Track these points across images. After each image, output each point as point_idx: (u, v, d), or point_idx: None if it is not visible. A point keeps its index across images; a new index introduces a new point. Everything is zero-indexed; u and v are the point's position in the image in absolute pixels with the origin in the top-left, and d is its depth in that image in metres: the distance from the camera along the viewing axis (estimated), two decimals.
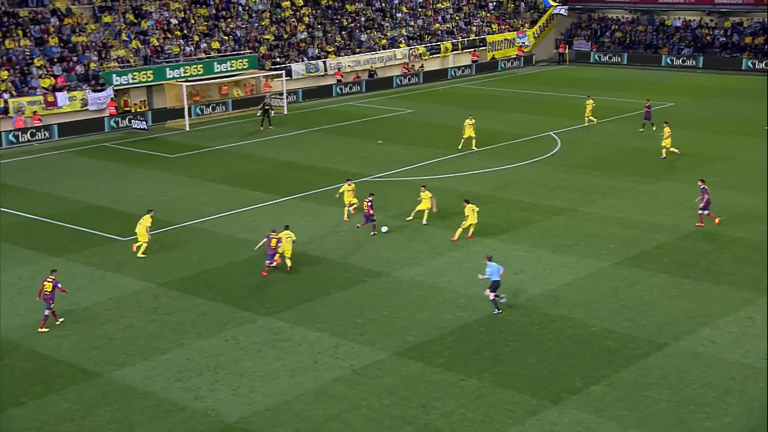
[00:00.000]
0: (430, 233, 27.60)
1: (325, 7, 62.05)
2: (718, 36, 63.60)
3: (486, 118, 43.99)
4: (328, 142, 41.39)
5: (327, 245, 26.64)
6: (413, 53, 60.56)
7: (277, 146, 41.00)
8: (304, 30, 58.24)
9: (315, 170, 36.03)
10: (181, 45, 51.51)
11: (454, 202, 30.81)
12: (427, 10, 66.68)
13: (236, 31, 54.92)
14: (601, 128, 42.49)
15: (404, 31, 62.84)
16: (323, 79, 55.80)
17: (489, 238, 27.00)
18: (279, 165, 37.13)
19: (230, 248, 26.59)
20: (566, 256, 25.33)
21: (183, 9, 54.76)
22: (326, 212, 30.03)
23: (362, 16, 62.50)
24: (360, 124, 45.90)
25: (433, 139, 40.90)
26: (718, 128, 42.04)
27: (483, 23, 67.83)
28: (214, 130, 45.52)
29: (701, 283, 23.06)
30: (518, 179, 33.96)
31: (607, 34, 68.83)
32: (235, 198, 31.76)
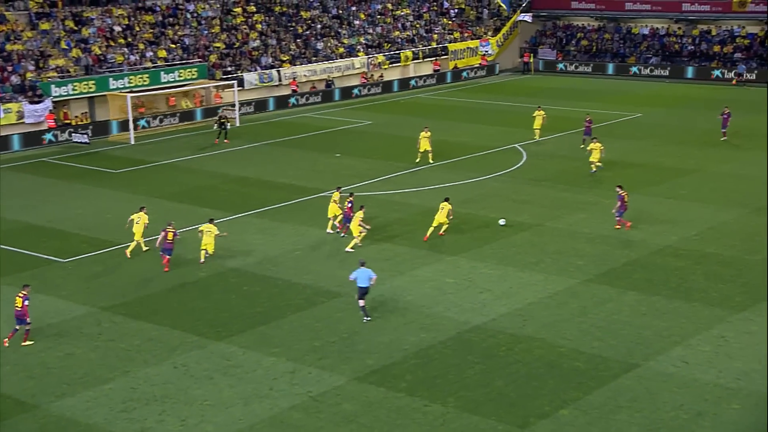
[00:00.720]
0: (391, 251, 27.66)
1: (278, 13, 62.12)
2: (686, 44, 65.05)
3: (449, 129, 44.34)
4: (283, 156, 41.30)
5: (282, 264, 26.54)
6: (372, 62, 60.89)
7: (229, 160, 40.80)
8: (256, 38, 58.22)
9: (269, 185, 35.91)
10: (126, 54, 51.10)
11: (417, 218, 30.94)
12: (386, 17, 67.17)
13: (184, 39, 54.67)
14: (567, 140, 43.08)
15: (362, 39, 63.19)
16: (277, 89, 55.77)
17: (453, 255, 27.16)
18: (230, 180, 36.94)
19: (178, 269, 26.32)
20: (533, 273, 25.58)
21: (127, 16, 54.34)
22: (281, 230, 29.93)
23: (318, 24, 62.72)
24: (317, 137, 45.92)
25: (394, 152, 41.07)
26: (687, 140, 42.93)
27: (444, 31, 68.53)
28: (161, 143, 45.14)
29: (672, 301, 23.45)
30: (483, 193, 34.23)
31: (572, 42, 69.99)
32: (183, 216, 31.48)
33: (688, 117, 48.45)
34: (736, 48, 62.85)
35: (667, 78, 62.90)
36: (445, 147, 40.25)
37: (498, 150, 41.62)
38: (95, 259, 27.11)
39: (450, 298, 23.91)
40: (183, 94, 51.20)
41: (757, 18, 62.76)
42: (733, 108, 48.38)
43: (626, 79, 63.66)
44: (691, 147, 41.47)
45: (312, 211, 32.16)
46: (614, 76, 64.94)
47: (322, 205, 32.92)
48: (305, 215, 31.66)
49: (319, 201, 33.45)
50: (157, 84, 50.18)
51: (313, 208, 32.65)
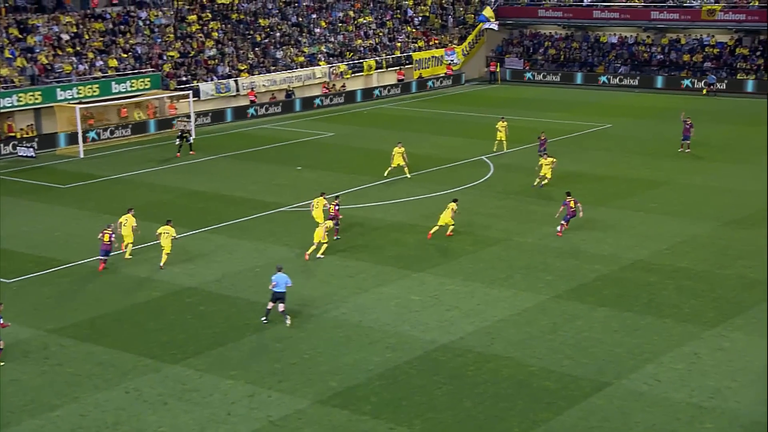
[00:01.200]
0: (355, 267, 27.67)
1: (235, 21, 62.03)
2: (655, 53, 66.20)
3: (414, 141, 44.55)
4: (242, 169, 41.16)
5: (241, 283, 26.41)
6: (334, 71, 61.04)
7: (185, 174, 40.55)
8: (212, 46, 58.06)
9: (227, 200, 35.76)
10: (74, 63, 50.69)
11: (381, 233, 31.00)
12: (347, 25, 67.42)
13: (136, 48, 54.35)
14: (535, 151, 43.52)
15: (324, 48, 63.34)
16: (235, 99, 55.64)
17: (419, 271, 27.24)
18: (186, 195, 36.71)
19: (131, 289, 26.07)
20: (501, 289, 25.75)
21: (75, 23, 53.91)
22: (240, 246, 29.79)
23: (277, 32, 62.75)
24: (277, 149, 45.84)
25: (358, 165, 41.14)
26: (657, 151, 43.60)
27: (408, 39, 68.96)
28: (112, 157, 44.74)
29: (644, 317, 23.75)
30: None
31: (540, 51, 70.85)
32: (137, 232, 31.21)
33: (658, 128, 49.23)
34: (706, 57, 64.10)
35: (637, 88, 63.91)
36: (410, 159, 40.34)
37: (464, 162, 41.91)
38: (43, 280, 26.74)
39: (416, 316, 23.96)
40: (135, 105, 50.87)
41: (726, 27, 64.11)
42: (703, 118, 49.30)
43: (595, 88, 64.56)
44: (661, 159, 42.13)
45: (272, 227, 32.06)
46: (583, 85, 65.84)
47: (283, 220, 32.87)
48: (265, 231, 31.55)
49: (280, 216, 33.38)
50: (108, 95, 49.82)
51: (273, 223, 32.55)
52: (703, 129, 46.06)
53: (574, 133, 47.99)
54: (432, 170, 40.23)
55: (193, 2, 61.25)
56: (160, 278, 26.79)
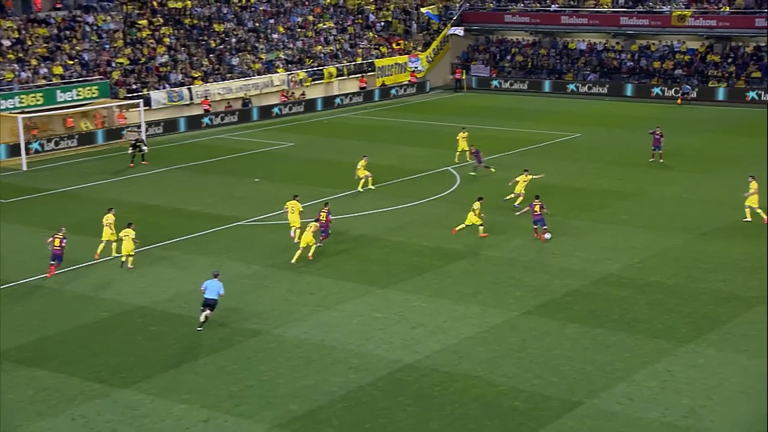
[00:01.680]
0: (317, 283, 27.61)
1: (189, 26, 61.79)
2: (625, 60, 67.14)
3: (377, 151, 44.65)
4: (197, 182, 40.91)
5: (195, 301, 26.18)
6: (293, 79, 61.04)
7: (136, 187, 40.19)
8: (164, 52, 57.76)
9: (180, 214, 35.50)
10: (16, 70, 50.19)
11: (344, 248, 30.97)
12: (307, 30, 67.50)
13: (83, 54, 53.93)
14: (503, 162, 43.84)
15: (282, 54, 63.33)
16: (189, 108, 55.36)
17: (383, 287, 27.25)
18: (137, 209, 36.38)
19: (78, 309, 25.74)
20: (469, 306, 25.85)
21: (17, 28, 53.37)
22: (194, 263, 29.58)
23: (233, 37, 62.61)
24: (234, 160, 45.65)
25: (319, 176, 41.12)
26: (627, 161, 44.14)
27: (370, 46, 69.20)
28: (58, 169, 44.23)
29: (615, 333, 23.97)
30: (414, 220, 34.49)
31: (507, 58, 71.50)
32: (84, 249, 30.83)
33: (629, 137, 49.89)
34: (677, 64, 65.13)
35: (606, 96, 64.70)
36: (373, 171, 40.40)
37: (430, 173, 42.08)
38: None
39: (380, 334, 23.95)
40: (82, 114, 50.43)
41: (697, 33, 65.21)
42: (674, 127, 50.05)
43: (564, 96, 65.29)
44: (632, 169, 42.66)
45: (229, 242, 31.90)
46: (551, 93, 66.54)
47: (241, 234, 32.71)
48: (222, 246, 31.37)
49: (237, 230, 33.21)
50: (53, 104, 49.37)
51: (230, 238, 32.39)
52: (674, 138, 46.75)
53: (542, 143, 48.46)
54: (396, 182, 40.31)
55: (144, 6, 60.93)
56: (108, 297, 26.49)
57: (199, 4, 63.73)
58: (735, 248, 30.58)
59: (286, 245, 31.15)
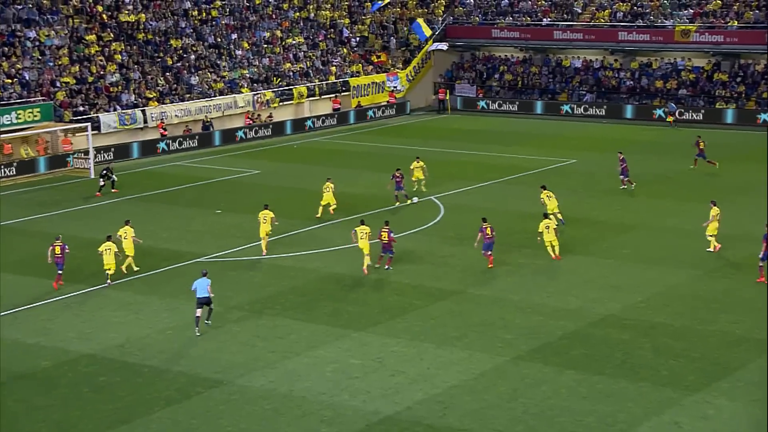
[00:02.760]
0: (285, 327, 27.51)
1: (142, 42, 61.85)
2: (624, 79, 67.86)
3: (352, 179, 44.74)
4: (150, 214, 40.76)
5: (149, 348, 26.02)
6: (259, 100, 61.21)
7: (81, 220, 39.98)
8: (115, 71, 57.80)
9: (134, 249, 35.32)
10: None
11: (316, 286, 30.93)
12: (274, 46, 67.81)
13: (24, 73, 53.86)
14: (491, 191, 44.05)
15: (246, 73, 63.52)
16: (143, 132, 55.33)
17: (359, 330, 27.19)
18: (83, 245, 36.15)
19: (15, 357, 25.46)
20: (454, 350, 25.83)
21: None
22: (148, 304, 29.41)
23: (191, 54, 62.75)
24: (192, 190, 45.56)
25: (288, 207, 41.06)
26: (626, 190, 44.45)
27: (345, 63, 69.57)
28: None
29: (617, 381, 24.02)
30: (395, 255, 34.57)
31: (495, 76, 72.10)
32: (23, 290, 30.61)
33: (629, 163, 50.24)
34: (681, 83, 65.82)
35: (604, 118, 65.26)
36: (348, 200, 40.50)
37: (411, 203, 42.14)
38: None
39: (356, 383, 23.87)
40: (22, 140, 50.30)
41: (703, 50, 65.89)
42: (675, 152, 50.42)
43: (558, 119, 65.80)
44: (631, 199, 42.97)
45: (187, 281, 31.68)
46: (544, 115, 67.05)
47: (198, 272, 32.52)
48: (178, 285, 31.21)
49: (196, 268, 33.04)
50: None
51: (188, 276, 32.19)
52: (673, 164, 47.14)
53: (533, 170, 48.74)
54: (374, 212, 40.33)
55: (92, 20, 60.99)
56: (50, 344, 26.24)
57: (154, 17, 63.86)
58: (746, 286, 30.78)
59: (250, 284, 31.04)
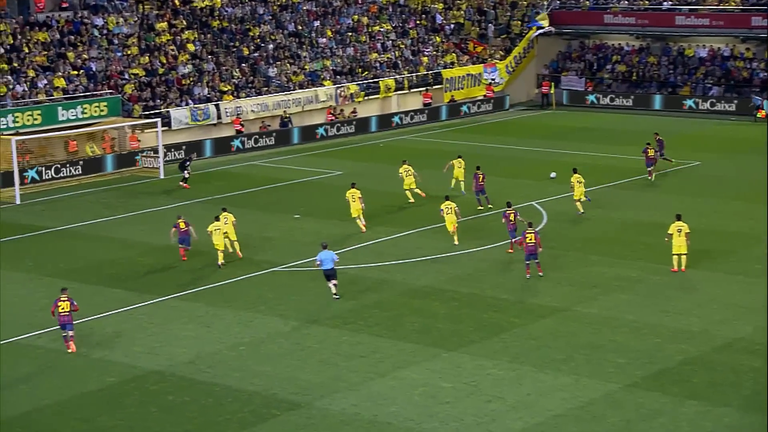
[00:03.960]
0: (369, 344, 27.59)
1: (217, 30, 62.84)
2: (757, 70, 66.38)
3: (445, 182, 44.69)
4: (223, 218, 41.30)
5: (221, 365, 26.36)
6: (342, 93, 61.59)
7: (149, 224, 40.78)
8: (188, 61, 58.73)
9: (203, 258, 35.88)
10: (10, 83, 51.30)
11: (401, 300, 30.97)
12: (360, 34, 68.19)
13: (90, 64, 55.03)
14: (601, 196, 43.55)
15: (329, 64, 63.98)
16: (216, 129, 56.14)
17: (451, 350, 27.13)
18: (151, 251, 36.88)
19: (79, 374, 26.06)
20: (559, 375, 25.58)
21: (12, 33, 54.65)
22: (220, 318, 29.82)
23: (270, 43, 63.48)
24: (268, 192, 46.07)
25: (372, 212, 41.27)
26: (759, 197, 43.45)
27: (437, 53, 69.58)
28: (58, 202, 45.12)
29: (745, 415, 23.48)
30: (489, 266, 34.38)
31: (607, 67, 71.29)
32: (87, 300, 31.26)
33: (761, 166, 49.14)
34: None
35: (733, 114, 63.96)
36: (437, 205, 40.43)
37: None
38: None
39: (447, 409, 23.81)
40: (88, 136, 51.23)
41: None
42: None
43: (679, 115, 64.71)
44: (764, 206, 41.94)
45: (262, 292, 32.13)
46: (663, 111, 66.03)
47: (276, 282, 32.94)
48: (253, 297, 31.61)
49: (272, 278, 33.45)
50: (53, 123, 50.37)
51: (263, 287, 32.63)
52: None
53: None
54: (469, 219, 40.23)
55: (163, 6, 62.16)
56: (116, 359, 26.79)
57: (230, 3, 64.90)
58: None
59: (331, 297, 31.24)
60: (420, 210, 41.12)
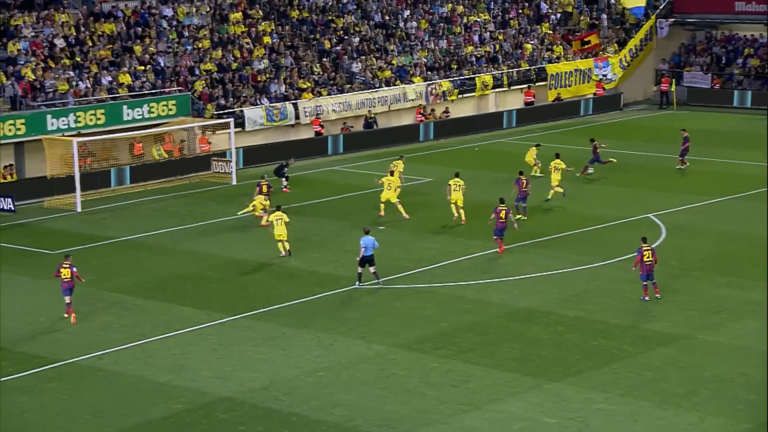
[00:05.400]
0: (462, 372, 27.47)
1: (297, 21, 63.23)
2: None
3: (544, 191, 44.35)
4: (302, 229, 41.60)
5: (297, 392, 26.48)
6: (433, 91, 61.58)
7: (220, 235, 41.15)
8: (264, 56, 59.23)
9: (279, 272, 36.16)
10: (72, 79, 52.07)
11: (499, 323, 30.80)
12: (454, 25, 68.12)
13: (158, 58, 55.73)
14: (727, 208, 42.83)
15: (421, 57, 63.98)
16: (294, 130, 56.53)
17: (554, 380, 26.90)
18: (224, 265, 37.23)
19: (142, 399, 26.39)
20: (680, 412, 25.21)
21: (75, 24, 55.48)
22: (297, 339, 29.97)
23: (355, 35, 63.70)
24: (349, 201, 46.22)
25: (466, 225, 41.13)
26: None
27: (542, 46, 69.17)
28: (122, 210, 45.76)
29: None
30: (599, 286, 34.04)
31: (737, 62, 70.16)
32: (153, 318, 31.75)
33: None
34: None
35: None
36: (541, 216, 40.28)
37: (623, 222, 41.51)
38: (21, 385, 27.27)
39: None
40: (155, 138, 51.83)
41: None
42: None
43: None
44: None
45: (344, 311, 32.22)
46: None
47: (360, 301, 32.98)
48: (334, 317, 31.72)
49: (355, 296, 33.50)
50: (118, 123, 50.99)
51: (345, 306, 32.71)
52: None
53: None
54: (574, 233, 39.86)
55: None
56: (182, 383, 27.05)
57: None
58: None
59: (419, 318, 31.20)
60: (520, 222, 40.82)
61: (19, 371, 28.09)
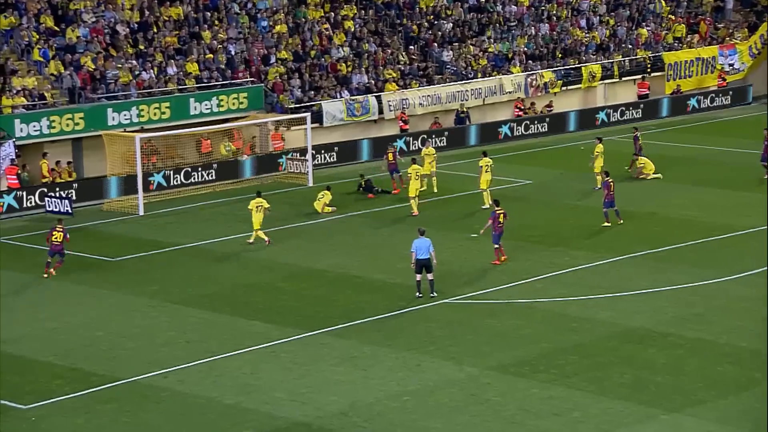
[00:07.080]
0: (566, 399, 27.23)
1: (381, 4, 63.07)
2: None
3: (665, 195, 43.96)
4: (385, 236, 41.60)
5: (380, 418, 26.46)
6: (534, 83, 61.24)
7: (297, 242, 41.35)
8: (345, 43, 59.26)
9: (357, 284, 36.25)
10: (134, 68, 52.51)
11: (608, 344, 30.51)
12: (560, 9, 67.52)
13: (228, 46, 55.99)
14: None
15: (521, 44, 63.55)
16: (377, 126, 56.50)
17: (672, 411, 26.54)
18: (299, 275, 37.34)
19: (209, 421, 26.58)
20: None
21: (139, 9, 55.85)
22: (378, 359, 29.95)
23: (446, 20, 63.53)
24: (439, 205, 46.10)
25: (566, 232, 40.89)
26: None
27: (659, 31, 68.33)
28: (187, 214, 46.15)
29: None
30: (724, 304, 33.73)
31: None
32: (221, 333, 31.96)
33: None
34: None
35: None
36: (655, 226, 39.86)
37: (748, 232, 40.98)
38: (76, 405, 27.59)
39: None
40: (224, 134, 52.08)
41: None
42: None
43: None
44: None
45: (430, 327, 32.15)
46: None
47: (458, 318, 32.92)
48: (420, 334, 31.70)
49: (445, 312, 33.39)
50: (184, 118, 51.50)
51: (432, 322, 32.63)
52: None
53: None
54: (695, 243, 39.41)
55: None
56: (253, 406, 27.14)
57: None
58: None
59: (516, 337, 31.02)
60: (629, 230, 40.32)
61: (75, 390, 28.41)
